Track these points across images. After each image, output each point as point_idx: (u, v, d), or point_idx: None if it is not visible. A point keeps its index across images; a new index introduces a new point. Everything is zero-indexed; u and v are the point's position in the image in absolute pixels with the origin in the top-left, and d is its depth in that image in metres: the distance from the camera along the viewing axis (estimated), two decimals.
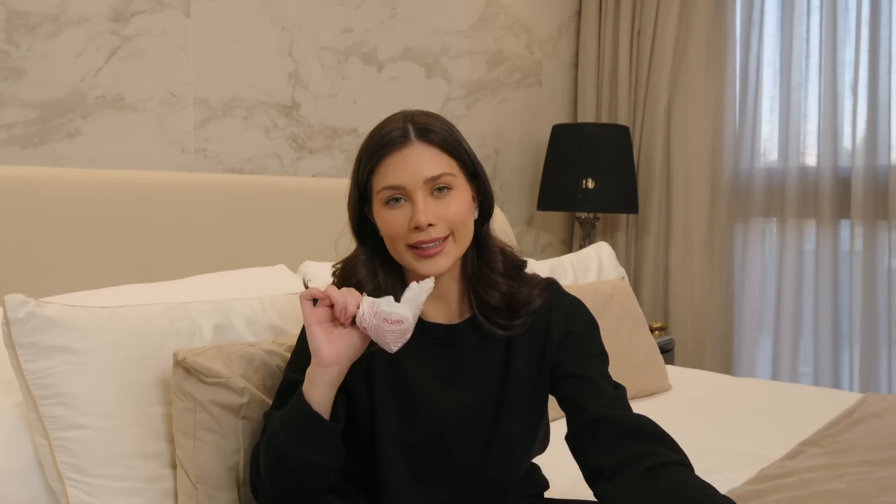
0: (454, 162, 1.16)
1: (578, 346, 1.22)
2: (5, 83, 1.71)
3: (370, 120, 2.51)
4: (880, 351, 2.89)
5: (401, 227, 1.14)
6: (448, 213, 1.14)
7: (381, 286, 1.20)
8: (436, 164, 1.14)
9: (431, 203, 1.13)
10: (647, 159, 3.31)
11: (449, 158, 1.15)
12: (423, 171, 1.13)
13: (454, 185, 1.15)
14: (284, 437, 1.08)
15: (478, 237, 1.22)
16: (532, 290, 1.23)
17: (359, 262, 1.22)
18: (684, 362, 3.22)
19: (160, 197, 1.82)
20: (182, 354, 1.24)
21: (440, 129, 1.16)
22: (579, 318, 1.25)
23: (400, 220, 1.14)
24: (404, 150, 1.14)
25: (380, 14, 2.55)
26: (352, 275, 1.21)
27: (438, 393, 1.20)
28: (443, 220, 1.13)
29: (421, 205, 1.12)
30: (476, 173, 1.20)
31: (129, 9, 1.90)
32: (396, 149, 1.14)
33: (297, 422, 1.08)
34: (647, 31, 3.25)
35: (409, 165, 1.13)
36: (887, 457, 1.60)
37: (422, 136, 1.14)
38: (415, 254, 1.14)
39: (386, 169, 1.14)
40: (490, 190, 1.23)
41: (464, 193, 1.17)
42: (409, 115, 1.18)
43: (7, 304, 1.20)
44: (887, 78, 2.82)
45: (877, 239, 2.89)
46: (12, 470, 1.23)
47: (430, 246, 1.13)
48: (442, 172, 1.14)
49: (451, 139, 1.16)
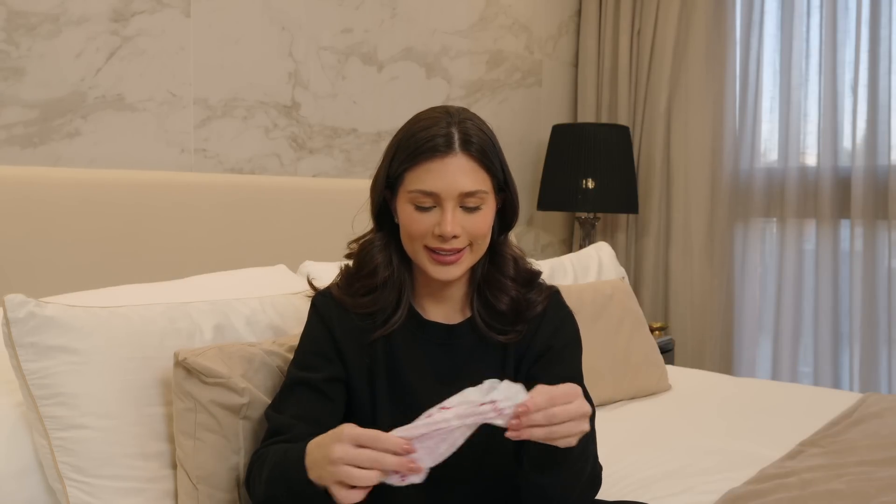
0: (489, 178, 1.16)
1: (555, 368, 1.22)
2: (5, 83, 1.71)
3: (370, 120, 2.53)
4: (880, 351, 2.89)
5: (425, 231, 1.15)
6: (474, 227, 1.15)
7: (394, 273, 1.21)
8: (472, 180, 1.14)
9: (460, 216, 1.14)
10: (647, 159, 3.31)
11: (485, 174, 1.16)
12: (460, 185, 1.13)
13: (485, 202, 1.16)
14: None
15: (493, 243, 1.23)
16: (536, 296, 1.24)
17: (375, 246, 1.23)
18: (684, 362, 3.22)
19: (160, 197, 1.82)
20: (183, 354, 1.24)
21: (481, 141, 1.16)
22: (565, 334, 1.26)
23: (425, 224, 1.15)
24: (445, 159, 1.13)
25: (380, 14, 2.55)
26: (369, 260, 1.22)
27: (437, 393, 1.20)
28: (467, 233, 1.15)
29: (450, 216, 1.13)
30: (506, 185, 1.21)
31: (129, 9, 1.90)
32: (438, 156, 1.13)
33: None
34: (647, 31, 3.25)
35: (448, 176, 1.13)
36: (887, 457, 1.60)
37: (465, 148, 1.14)
38: (431, 257, 1.16)
39: (424, 173, 1.14)
40: (516, 202, 1.23)
41: (490, 209, 1.18)
42: (453, 117, 1.16)
43: (7, 304, 1.20)
44: (887, 78, 2.82)
45: (877, 239, 2.89)
46: (12, 470, 1.23)
47: (447, 253, 1.15)
48: (477, 190, 1.14)
49: (491, 151, 1.17)
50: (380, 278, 1.21)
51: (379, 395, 1.21)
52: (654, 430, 1.85)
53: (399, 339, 1.22)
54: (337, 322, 1.22)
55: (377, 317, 1.22)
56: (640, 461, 1.62)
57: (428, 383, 1.21)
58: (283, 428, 1.16)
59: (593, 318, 2.08)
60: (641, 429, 1.85)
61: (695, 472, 1.57)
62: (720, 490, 1.44)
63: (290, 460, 1.06)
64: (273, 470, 1.09)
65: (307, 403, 1.18)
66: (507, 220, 1.25)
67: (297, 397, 1.19)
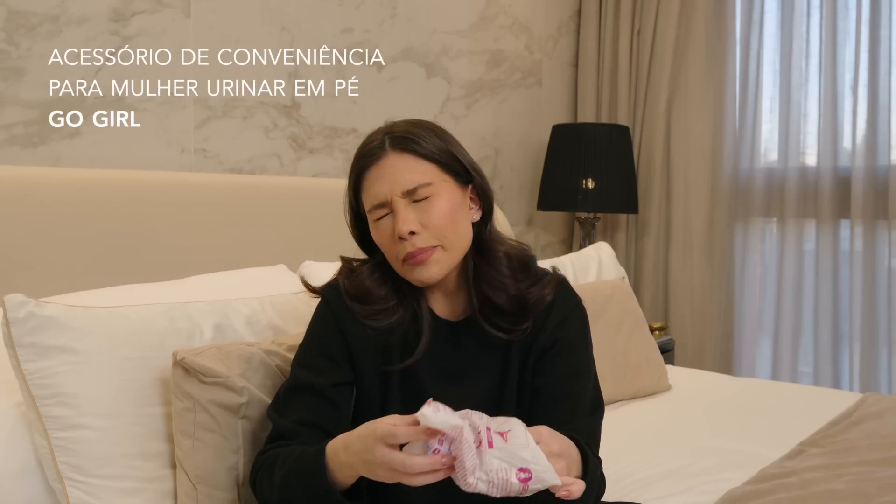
0: (433, 166, 1.15)
1: (565, 359, 1.20)
2: (5, 83, 1.71)
3: (370, 120, 2.53)
4: (880, 351, 2.89)
5: (388, 240, 1.15)
6: (431, 219, 1.13)
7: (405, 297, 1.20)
8: (411, 175, 1.13)
9: (412, 211, 1.13)
10: (647, 159, 3.31)
11: (428, 164, 1.14)
12: (400, 183, 1.13)
13: (433, 191, 1.14)
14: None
15: (479, 238, 1.21)
16: (543, 289, 1.21)
17: (372, 278, 1.21)
18: (684, 362, 3.22)
19: (160, 197, 1.82)
20: (181, 354, 1.24)
21: (417, 136, 1.15)
22: (573, 325, 1.23)
23: (387, 233, 1.14)
24: (380, 163, 1.14)
25: (380, 14, 2.55)
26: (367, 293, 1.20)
27: (445, 392, 1.20)
28: (427, 228, 1.13)
29: (400, 214, 1.12)
30: (469, 175, 1.19)
31: (129, 9, 1.90)
32: (373, 161, 1.15)
33: None
34: (647, 31, 3.25)
35: (386, 178, 1.13)
36: (887, 457, 1.60)
37: (396, 146, 1.14)
38: (406, 264, 1.15)
39: (369, 186, 1.15)
40: (487, 189, 1.21)
41: (447, 198, 1.15)
42: (390, 126, 1.18)
43: (7, 304, 1.20)
44: (887, 78, 2.82)
45: (877, 239, 2.89)
46: (12, 470, 1.23)
47: (416, 252, 1.13)
48: (417, 185, 1.13)
49: (430, 146, 1.15)
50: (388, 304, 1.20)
51: (390, 394, 1.19)
52: (654, 430, 1.85)
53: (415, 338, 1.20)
54: (351, 323, 1.20)
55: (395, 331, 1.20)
56: (640, 461, 1.62)
57: (439, 385, 1.19)
58: (287, 433, 1.15)
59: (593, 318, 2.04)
60: (641, 429, 1.85)
61: (695, 472, 1.57)
62: (720, 490, 1.44)
63: (307, 463, 1.05)
64: (288, 473, 1.07)
65: (312, 410, 1.16)
66: (485, 210, 1.21)
67: (302, 402, 1.17)
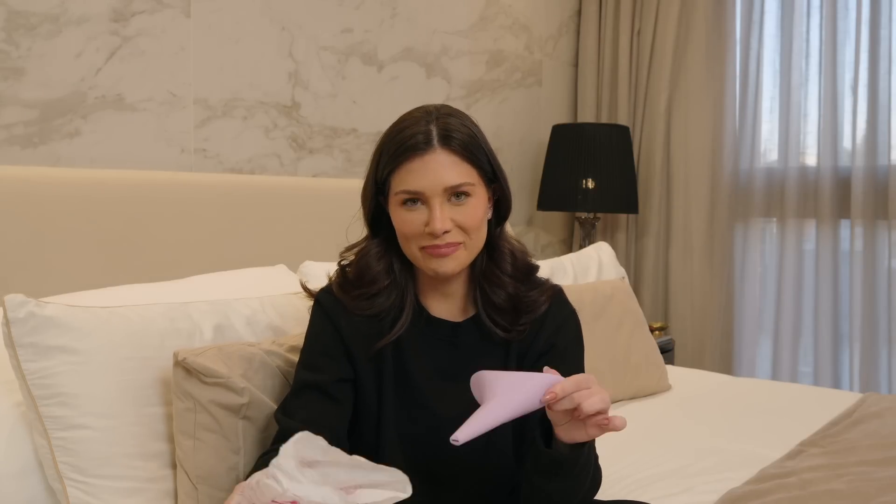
0: (474, 170, 1.16)
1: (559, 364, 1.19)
2: (5, 83, 1.71)
3: (370, 120, 2.53)
4: (880, 351, 2.89)
5: (416, 230, 1.15)
6: (464, 220, 1.14)
7: (396, 279, 1.21)
8: (456, 174, 1.14)
9: (448, 209, 1.14)
10: (647, 159, 3.31)
11: (469, 167, 1.15)
12: (443, 180, 1.13)
13: (472, 193, 1.15)
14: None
15: (490, 237, 1.22)
16: (539, 296, 1.24)
17: (371, 255, 1.23)
18: (684, 362, 3.22)
19: (160, 197, 1.82)
20: (182, 354, 1.24)
21: (462, 135, 1.15)
22: (568, 332, 1.26)
23: (416, 223, 1.15)
24: (426, 157, 1.13)
25: (380, 14, 2.55)
26: (367, 269, 1.22)
27: (440, 390, 1.20)
28: (458, 227, 1.14)
29: (438, 212, 1.12)
30: (495, 176, 1.20)
31: (129, 9, 1.90)
32: (418, 154, 1.13)
33: None
34: (647, 31, 3.25)
35: (430, 173, 1.13)
36: (887, 457, 1.60)
37: (444, 143, 1.14)
38: (426, 252, 1.15)
39: (407, 174, 1.14)
40: (508, 193, 1.23)
41: (480, 200, 1.17)
42: (432, 115, 1.17)
43: (7, 304, 1.20)
44: (887, 78, 2.82)
45: (877, 239, 2.89)
46: (12, 470, 1.23)
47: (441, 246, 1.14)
48: (462, 182, 1.14)
49: (473, 144, 1.16)
50: (381, 286, 1.21)
51: (385, 392, 1.21)
52: (654, 430, 1.85)
53: (406, 336, 1.22)
54: (344, 319, 1.22)
55: (383, 319, 1.21)
56: (640, 461, 1.62)
57: (433, 382, 1.21)
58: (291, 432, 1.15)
59: (593, 319, 2.08)
60: (641, 429, 1.85)
61: (695, 472, 1.57)
62: (720, 490, 1.44)
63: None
64: None
65: (315, 408, 1.18)
66: (501, 212, 1.24)
67: (306, 401, 1.19)
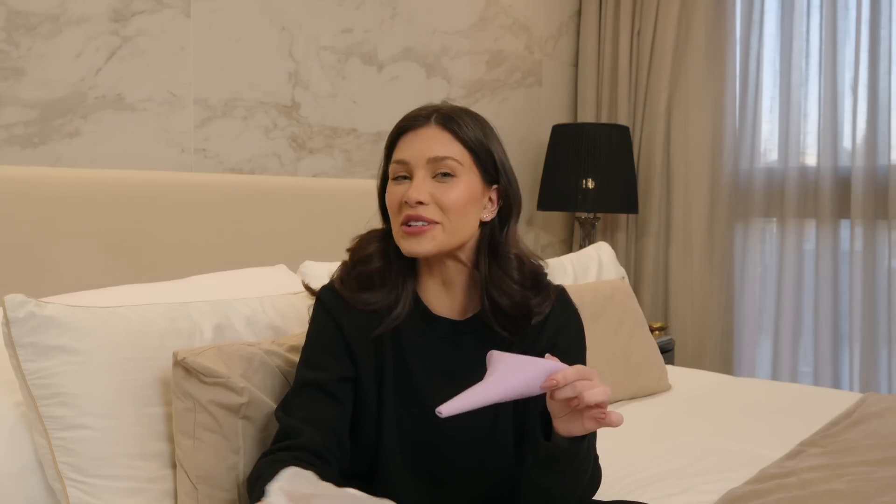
0: (466, 153, 1.17)
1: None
2: (5, 83, 1.71)
3: (370, 120, 2.53)
4: (880, 351, 2.89)
5: (396, 201, 1.16)
6: (444, 198, 1.15)
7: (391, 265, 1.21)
8: (442, 146, 1.16)
9: (430, 184, 1.15)
10: (647, 159, 3.31)
11: (461, 147, 1.17)
12: (428, 150, 1.15)
13: (458, 173, 1.16)
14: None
15: (494, 241, 1.22)
16: (545, 300, 1.23)
17: (370, 238, 1.25)
18: (684, 362, 3.22)
19: (160, 197, 1.82)
20: (182, 354, 1.24)
21: (463, 123, 1.17)
22: (570, 332, 1.26)
23: (397, 196, 1.17)
24: (420, 130, 1.17)
25: (380, 14, 2.55)
26: (361, 249, 1.24)
27: (440, 389, 1.20)
28: (436, 204, 1.14)
29: (418, 182, 1.14)
30: (498, 175, 1.21)
31: (129, 9, 1.90)
32: (413, 128, 1.18)
33: None
34: (647, 31, 3.25)
35: (418, 143, 1.16)
36: (887, 457, 1.60)
37: (440, 122, 1.17)
38: (403, 230, 1.16)
39: (400, 145, 1.19)
40: (516, 195, 1.22)
41: (469, 185, 1.17)
42: (441, 105, 1.21)
43: (7, 304, 1.20)
44: (887, 78, 2.82)
45: (877, 239, 2.89)
46: (12, 470, 1.23)
47: (416, 224, 1.14)
48: (446, 155, 1.15)
49: (472, 134, 1.17)
50: (374, 268, 1.21)
51: (385, 390, 1.20)
52: (654, 430, 1.85)
53: (406, 333, 1.22)
54: (345, 316, 1.21)
55: (382, 313, 1.21)
56: (640, 461, 1.62)
57: (434, 380, 1.21)
58: (292, 431, 1.16)
59: (593, 319, 2.07)
60: (641, 429, 1.85)
61: (695, 472, 1.57)
62: (720, 490, 1.44)
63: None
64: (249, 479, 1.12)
65: (316, 406, 1.18)
66: (504, 214, 1.22)
67: (307, 399, 1.18)
